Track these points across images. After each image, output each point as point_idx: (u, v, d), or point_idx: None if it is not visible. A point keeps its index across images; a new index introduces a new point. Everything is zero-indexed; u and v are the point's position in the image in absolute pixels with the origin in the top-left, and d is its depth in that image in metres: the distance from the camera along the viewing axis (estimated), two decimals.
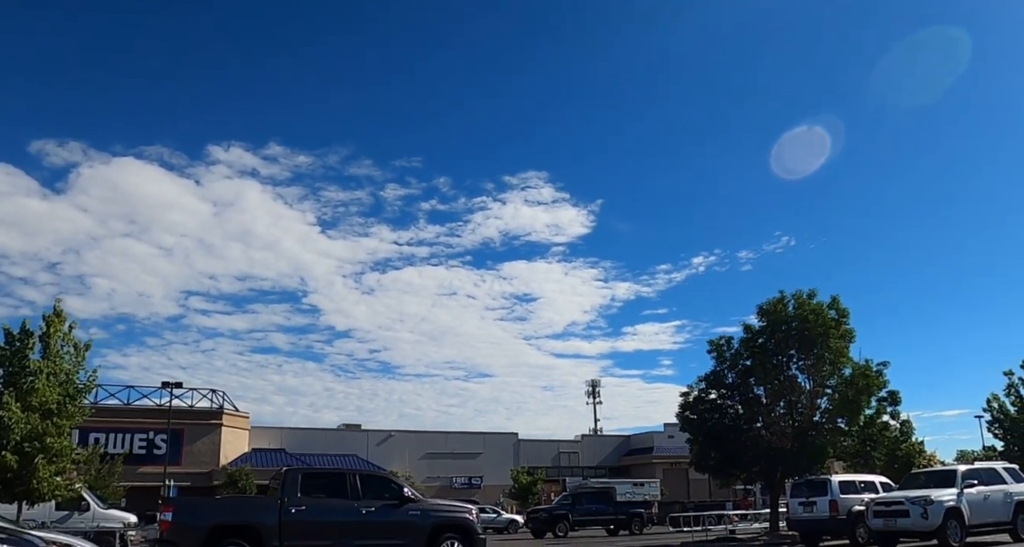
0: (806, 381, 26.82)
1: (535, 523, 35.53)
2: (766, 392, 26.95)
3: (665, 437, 68.15)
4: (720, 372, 27.07)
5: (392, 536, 14.98)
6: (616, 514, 36.52)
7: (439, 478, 62.63)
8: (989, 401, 40.51)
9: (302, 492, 14.67)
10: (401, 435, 63.88)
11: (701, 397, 27.06)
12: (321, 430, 63.69)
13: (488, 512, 43.58)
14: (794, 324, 26.19)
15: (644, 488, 38.59)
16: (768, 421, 26.79)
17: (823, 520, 21.49)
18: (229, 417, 56.87)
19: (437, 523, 15.38)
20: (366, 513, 14.81)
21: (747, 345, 27.10)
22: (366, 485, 15.29)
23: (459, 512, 15.95)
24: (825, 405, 26.34)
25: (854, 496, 21.85)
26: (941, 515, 18.49)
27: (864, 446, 26.02)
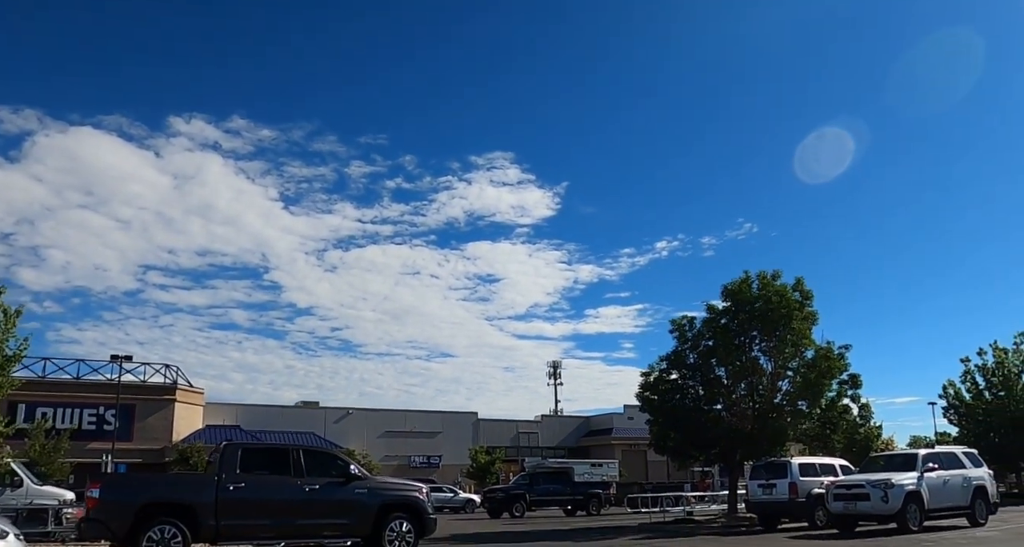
0: (767, 363, 26.40)
1: (491, 503, 34.94)
2: (727, 373, 26.48)
3: (625, 419, 68.08)
4: (681, 352, 26.53)
5: (337, 515, 14.16)
6: (574, 495, 36.07)
7: (397, 457, 61.86)
8: (945, 387, 40.88)
9: (241, 468, 13.75)
10: (359, 413, 62.91)
11: (662, 377, 26.51)
12: (278, 407, 62.45)
13: (445, 491, 42.99)
14: (757, 305, 25.70)
15: (602, 469, 38.16)
16: (729, 403, 26.36)
17: (782, 502, 21.14)
18: (183, 392, 55.41)
19: (385, 502, 14.59)
20: (310, 491, 13.97)
21: (709, 325, 26.58)
22: (310, 462, 14.42)
23: (408, 491, 15.18)
24: (786, 387, 25.97)
25: (813, 479, 21.53)
26: (901, 499, 18.18)
27: (824, 429, 25.74)
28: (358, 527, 14.25)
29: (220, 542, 13.54)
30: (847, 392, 25.16)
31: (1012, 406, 37.49)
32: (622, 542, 18.71)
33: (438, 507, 42.46)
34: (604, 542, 18.83)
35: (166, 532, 12.70)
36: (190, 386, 56.48)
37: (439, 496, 41.99)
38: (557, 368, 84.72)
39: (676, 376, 26.51)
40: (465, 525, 28.24)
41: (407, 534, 14.60)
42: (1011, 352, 38.96)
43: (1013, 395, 37.80)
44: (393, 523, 14.51)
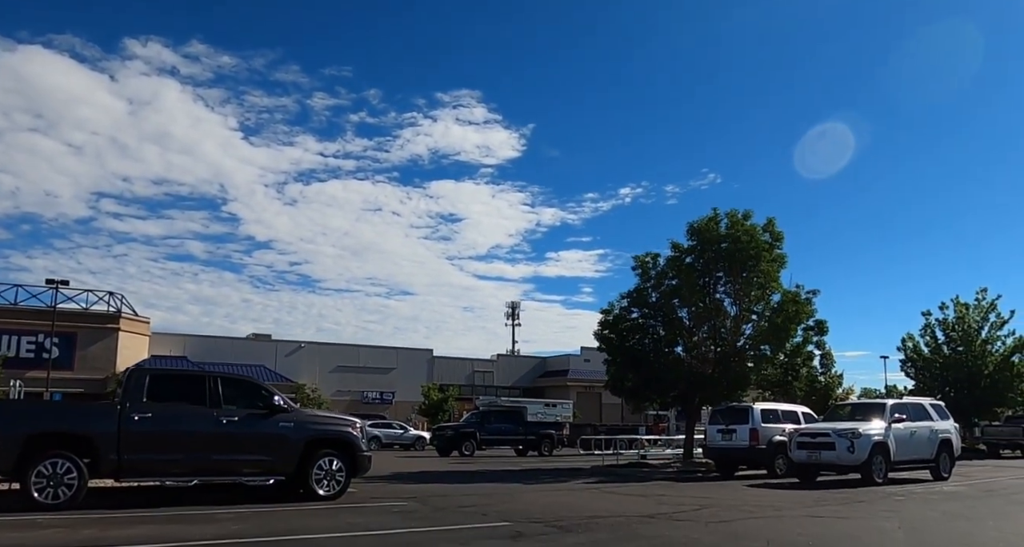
0: (731, 306, 25.21)
1: (441, 441, 33.74)
2: (689, 315, 25.23)
3: (581, 361, 67.52)
4: (644, 290, 25.12)
5: (257, 451, 12.59)
6: (526, 434, 34.97)
7: (350, 392, 60.65)
8: (904, 341, 40.41)
9: (149, 396, 12.06)
10: (312, 346, 61.30)
11: (622, 316, 25.12)
12: (228, 339, 60.57)
13: (395, 428, 41.82)
14: (725, 245, 24.32)
15: (556, 409, 37.11)
16: (689, 345, 25.17)
17: (742, 449, 20.08)
18: (127, 322, 53.18)
19: (312, 437, 13.04)
20: (227, 423, 12.36)
21: (674, 264, 25.18)
22: (229, 391, 12.77)
23: (339, 425, 13.61)
24: (750, 332, 24.83)
25: (775, 426, 20.50)
26: (868, 449, 17.16)
27: (786, 375, 24.68)
28: (281, 464, 12.72)
29: (123, 478, 11.99)
30: (812, 338, 24.04)
31: (970, 361, 37.07)
32: (574, 485, 17.50)
33: (387, 443, 41.57)
34: (555, 485, 17.60)
35: (58, 467, 11.08)
36: (135, 315, 54.24)
37: (389, 432, 40.84)
38: (516, 309, 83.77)
39: (637, 315, 25.16)
40: (411, 463, 26.98)
41: (337, 473, 13.12)
42: (972, 308, 38.44)
43: (971, 350, 37.36)
44: (321, 460, 13.00)
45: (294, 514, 11.08)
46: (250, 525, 9.81)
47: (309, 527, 9.65)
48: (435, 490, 15.44)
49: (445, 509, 11.98)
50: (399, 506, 12.31)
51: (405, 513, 11.35)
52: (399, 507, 12.17)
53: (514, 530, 9.52)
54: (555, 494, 15.05)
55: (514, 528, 9.71)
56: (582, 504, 12.95)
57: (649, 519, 10.82)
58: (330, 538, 8.73)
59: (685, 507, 12.47)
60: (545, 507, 12.30)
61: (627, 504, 13.05)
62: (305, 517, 10.73)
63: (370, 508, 12.04)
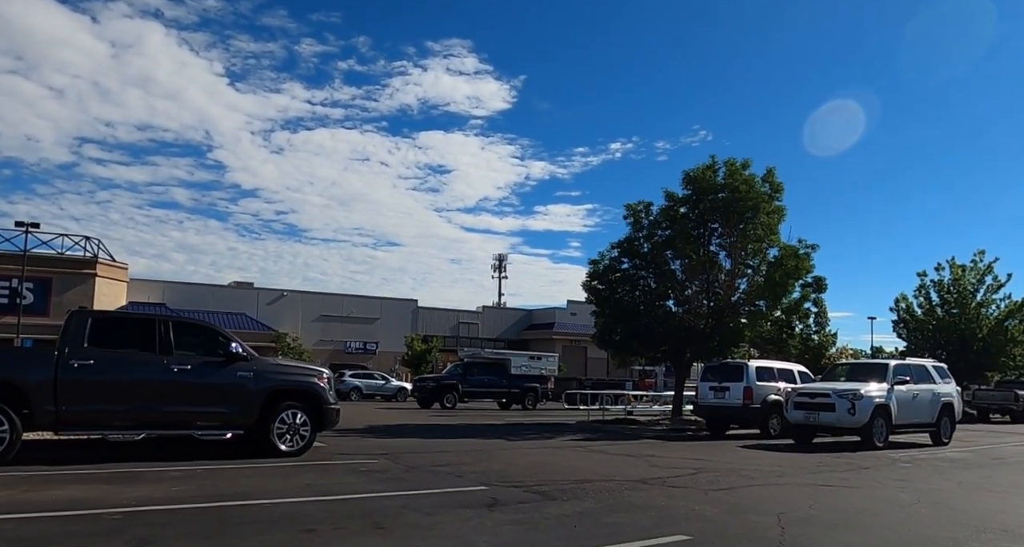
0: (726, 259, 24.03)
1: (422, 392, 32.71)
2: (682, 267, 24.03)
3: (567, 314, 66.66)
4: (635, 240, 23.82)
5: (213, 402, 11.41)
6: (509, 387, 34.00)
7: (332, 342, 59.60)
8: (897, 301, 39.54)
9: (91, 342, 10.80)
10: (294, 295, 59.98)
11: (612, 266, 23.86)
12: (208, 286, 59.00)
13: (376, 378, 40.85)
14: (721, 195, 23.02)
15: (541, 362, 35.94)
16: (681, 299, 24.03)
17: (735, 408, 19.09)
18: (104, 267, 51.59)
19: (274, 387, 11.86)
20: (178, 371, 11.14)
21: (667, 214, 23.90)
22: (181, 336, 11.51)
23: (304, 375, 12.41)
24: (744, 287, 23.69)
25: (770, 384, 19.50)
26: (869, 412, 16.18)
27: (781, 333, 23.64)
28: (239, 416, 11.56)
29: (62, 430, 10.78)
30: (811, 295, 22.94)
31: (963, 324, 36.21)
32: (559, 442, 16.49)
33: (368, 394, 40.65)
34: (538, 442, 16.58)
35: None
36: (112, 261, 52.64)
37: (370, 383, 39.90)
38: (503, 261, 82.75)
39: (628, 266, 23.90)
40: (390, 415, 26.00)
41: (301, 427, 11.99)
42: (969, 269, 37.48)
43: (966, 313, 36.48)
44: (284, 413, 11.86)
45: (249, 473, 9.94)
46: (194, 486, 8.66)
47: (260, 489, 8.52)
48: (410, 446, 14.37)
49: (417, 468, 10.87)
50: (367, 464, 11.20)
51: (372, 473, 10.24)
52: (367, 465, 11.06)
53: (490, 496, 8.41)
54: (538, 452, 14.01)
55: (491, 494, 8.61)
56: (567, 465, 11.89)
57: (642, 484, 9.75)
58: (278, 504, 7.58)
59: (680, 471, 11.42)
60: (527, 468, 11.23)
61: (616, 466, 12.00)
62: (260, 476, 9.60)
63: (335, 466, 10.92)
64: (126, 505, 7.28)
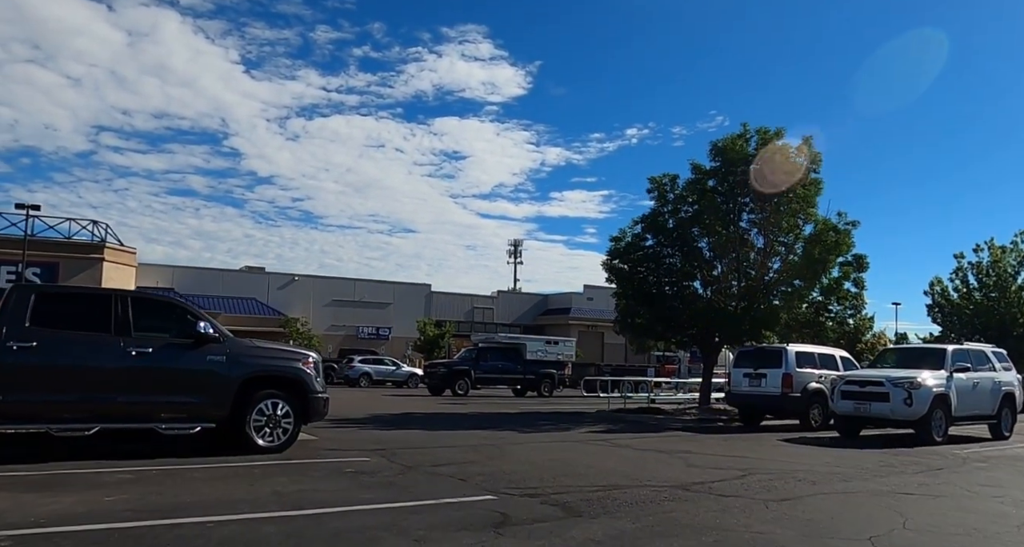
0: (758, 236, 22.13)
1: (432, 379, 30.97)
2: (709, 245, 22.16)
3: (584, 299, 64.89)
4: (660, 214, 21.94)
5: (178, 390, 9.72)
6: (524, 373, 32.18)
7: (344, 327, 58.10)
8: (932, 284, 37.40)
9: (34, 321, 9.12)
10: (306, 280, 58.46)
11: (635, 243, 21.98)
12: (218, 270, 57.63)
13: (387, 364, 39.22)
14: (754, 166, 21.13)
15: (558, 347, 34.10)
16: (709, 279, 22.17)
17: (772, 397, 17.20)
18: (112, 251, 50.20)
19: (251, 374, 10.14)
20: (137, 356, 9.44)
21: (694, 187, 22.00)
22: (142, 315, 9.80)
23: (286, 359, 10.67)
24: (778, 265, 21.79)
25: (811, 371, 17.61)
26: (928, 402, 14.27)
27: (817, 315, 21.69)
28: (210, 407, 9.85)
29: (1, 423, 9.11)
30: (852, 274, 20.96)
31: (1003, 308, 34.07)
32: (579, 435, 14.76)
33: (378, 380, 38.98)
34: (556, 434, 14.85)
35: None
36: (120, 245, 51.27)
37: (380, 369, 38.29)
38: (518, 247, 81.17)
39: (652, 243, 22.03)
40: (397, 402, 24.34)
41: (283, 419, 10.27)
42: (1009, 251, 35.26)
43: (1005, 297, 34.32)
44: (262, 403, 10.14)
45: (212, 475, 8.25)
46: (134, 495, 6.96)
47: (213, 500, 6.81)
48: (412, 439, 12.65)
49: (414, 469, 9.15)
50: (356, 463, 9.47)
51: (359, 476, 8.51)
52: (355, 465, 9.34)
53: (499, 510, 6.66)
54: (557, 448, 12.25)
55: (499, 506, 6.86)
56: (591, 464, 10.12)
57: (683, 492, 7.98)
58: (225, 523, 5.85)
59: (724, 472, 9.63)
60: (543, 469, 9.47)
61: (648, 466, 10.21)
62: (222, 481, 7.89)
63: (317, 466, 9.21)
64: (29, 523, 5.60)
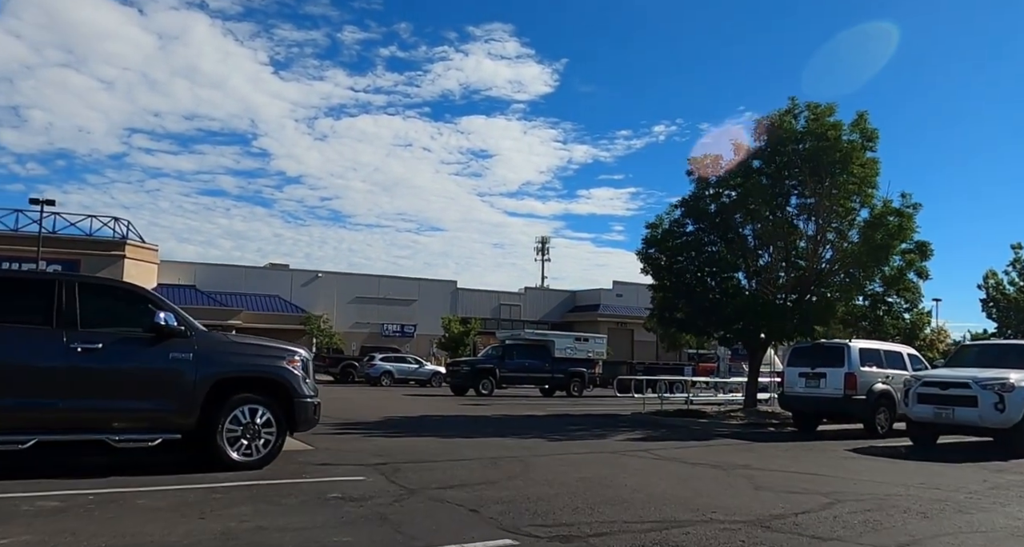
0: (807, 222, 20.00)
1: (455, 377, 29.11)
2: (754, 232, 20.09)
3: (613, 296, 62.87)
4: (701, 198, 19.86)
5: (134, 395, 7.98)
6: (552, 372, 30.23)
7: (369, 324, 56.58)
8: (986, 278, 34.79)
9: None
10: (329, 277, 57.00)
11: (673, 230, 19.92)
12: (240, 267, 56.40)
13: (409, 362, 37.45)
14: (806, 146, 19.00)
15: (588, 344, 32.00)
16: (753, 269, 20.07)
17: (834, 399, 15.09)
18: (133, 248, 49.22)
19: (224, 375, 8.34)
20: (84, 353, 7.70)
21: (737, 170, 19.92)
22: (91, 303, 8.04)
23: (266, 357, 8.81)
24: (831, 254, 19.62)
25: (876, 370, 15.50)
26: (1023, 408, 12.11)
27: (875, 308, 19.48)
28: (173, 415, 8.07)
29: None
30: (917, 263, 18.72)
31: None
32: (615, 443, 12.85)
33: (401, 379, 37.09)
34: (589, 442, 12.96)
35: None
36: (142, 241, 50.27)
37: (402, 367, 36.51)
38: (545, 243, 79.60)
39: (692, 229, 19.96)
40: (416, 403, 22.53)
41: (263, 428, 8.47)
42: None
43: None
44: (238, 410, 8.35)
45: (159, 503, 6.43)
46: (43, 535, 5.19)
47: (147, 541, 5.03)
48: (422, 449, 10.80)
49: (416, 494, 7.28)
50: (347, 486, 7.61)
51: (345, 505, 6.65)
52: (346, 488, 7.48)
53: None
54: (592, 461, 10.33)
55: None
56: (636, 485, 8.19)
57: (764, 531, 6.01)
58: None
59: (803, 497, 7.64)
60: (578, 493, 7.56)
61: (706, 487, 8.25)
62: (168, 513, 6.05)
63: (297, 490, 7.35)
64: None
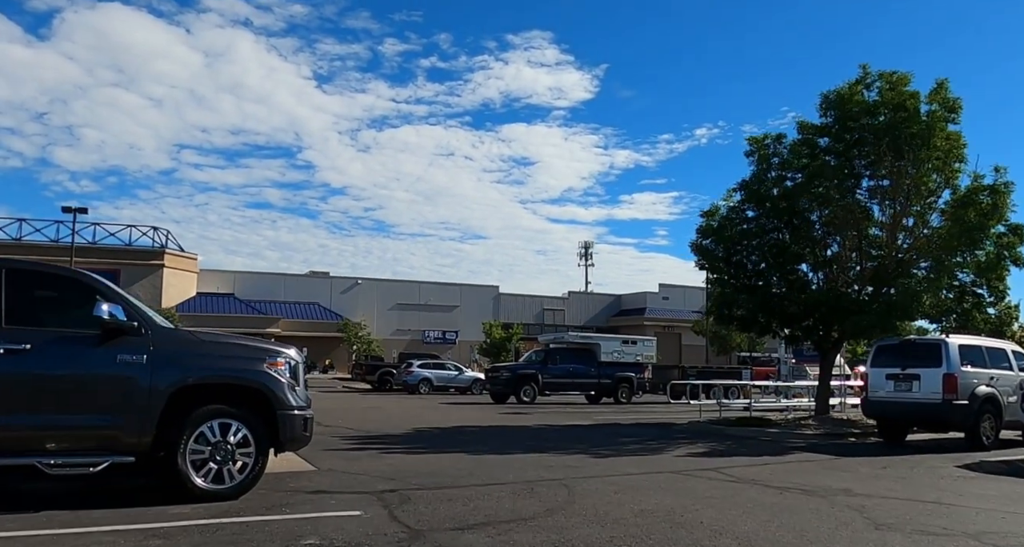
0: (882, 206, 17.70)
1: (495, 384, 27.11)
2: (820, 218, 17.84)
3: (659, 299, 60.61)
4: (762, 181, 17.68)
5: (73, 409, 6.23)
6: (599, 378, 28.09)
7: (410, 331, 55.19)
8: None
9: None
10: (369, 283, 55.76)
11: (732, 217, 17.75)
12: (279, 275, 55.45)
13: (449, 368, 35.65)
14: (881, 119, 16.73)
15: (636, 347, 29.74)
16: (821, 260, 17.83)
17: (931, 405, 12.78)
18: (172, 257, 48.64)
19: (186, 382, 6.55)
20: (8, 355, 6.00)
21: (800, 150, 17.75)
22: (21, 295, 6.37)
23: (240, 359, 6.94)
24: (907, 241, 17.26)
25: (979, 370, 13.19)
26: None
27: (962, 300, 17.05)
28: (122, 432, 6.29)
29: None
30: (1017, 246, 16.22)
31: None
32: (676, 459, 10.84)
33: (440, 387, 35.28)
34: (645, 459, 10.95)
35: None
36: (181, 251, 49.69)
37: (441, 374, 34.72)
38: (588, 248, 77.71)
39: (754, 216, 17.78)
40: (452, 412, 20.67)
41: (238, 449, 6.67)
42: None
43: None
44: (206, 426, 6.57)
45: None
46: None
47: None
48: (445, 470, 8.91)
49: (421, 537, 5.35)
50: (334, 524, 5.73)
51: None
52: (332, 528, 5.59)
53: None
54: (650, 485, 8.32)
55: None
56: (714, 522, 6.16)
57: None
58: None
59: (943, 540, 5.57)
60: (639, 538, 5.56)
61: (808, 526, 6.17)
62: None
63: (267, 532, 5.46)
64: None
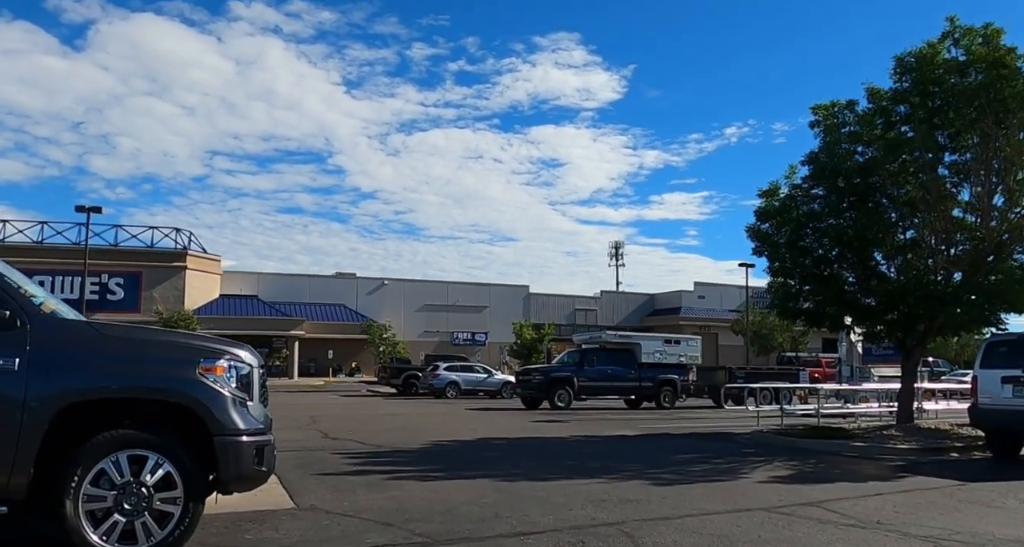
0: (968, 183, 15.18)
1: (526, 388, 24.69)
2: (900, 198, 15.30)
3: (695, 298, 58.05)
4: (832, 152, 15.21)
5: None
6: (640, 381, 25.54)
7: (438, 332, 53.17)
8: None
9: None
10: (395, 284, 53.87)
11: (797, 196, 15.34)
12: (304, 276, 53.78)
13: (477, 371, 33.46)
14: (973, 79, 14.22)
15: (680, 347, 27.13)
16: (899, 243, 15.32)
17: None
18: (195, 259, 47.12)
19: (77, 397, 4.42)
20: None
21: (872, 120, 15.31)
22: None
23: (160, 363, 4.69)
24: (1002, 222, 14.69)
25: None
26: None
27: None
28: None
29: None
30: None
31: None
32: (757, 486, 8.61)
33: (468, 390, 33.08)
34: (718, 484, 8.72)
35: None
36: (204, 252, 48.19)
37: (469, 377, 32.54)
38: (619, 248, 75.18)
39: (823, 195, 15.30)
40: (479, 420, 18.46)
41: (155, 493, 4.44)
42: None
43: None
44: (107, 461, 4.39)
45: None
46: None
47: None
48: (461, 508, 6.70)
49: None
50: None
51: None
52: None
53: None
54: (743, 536, 6.05)
55: None
56: None
57: None
58: None
59: None
60: None
61: None
62: None
63: None
64: None
